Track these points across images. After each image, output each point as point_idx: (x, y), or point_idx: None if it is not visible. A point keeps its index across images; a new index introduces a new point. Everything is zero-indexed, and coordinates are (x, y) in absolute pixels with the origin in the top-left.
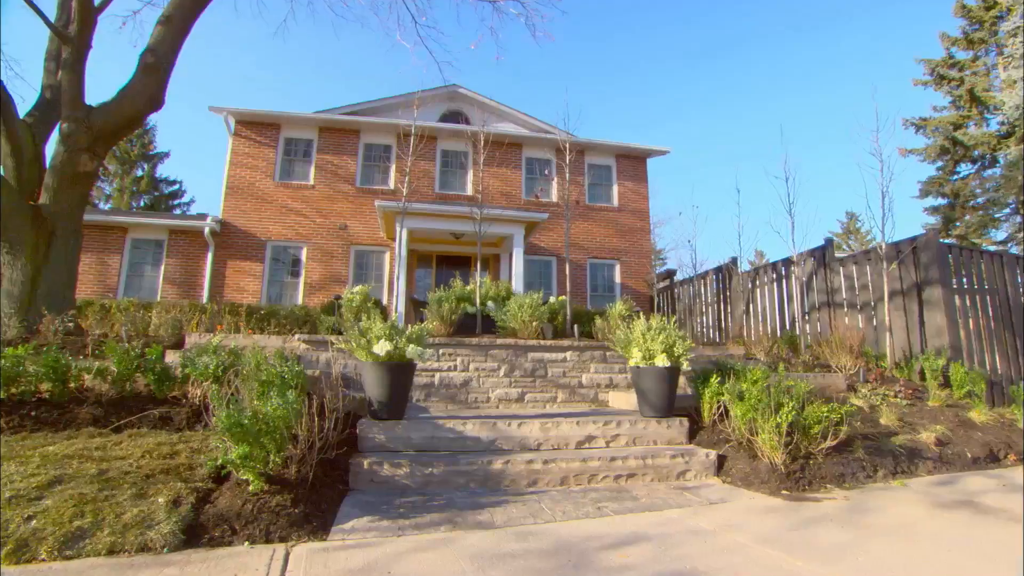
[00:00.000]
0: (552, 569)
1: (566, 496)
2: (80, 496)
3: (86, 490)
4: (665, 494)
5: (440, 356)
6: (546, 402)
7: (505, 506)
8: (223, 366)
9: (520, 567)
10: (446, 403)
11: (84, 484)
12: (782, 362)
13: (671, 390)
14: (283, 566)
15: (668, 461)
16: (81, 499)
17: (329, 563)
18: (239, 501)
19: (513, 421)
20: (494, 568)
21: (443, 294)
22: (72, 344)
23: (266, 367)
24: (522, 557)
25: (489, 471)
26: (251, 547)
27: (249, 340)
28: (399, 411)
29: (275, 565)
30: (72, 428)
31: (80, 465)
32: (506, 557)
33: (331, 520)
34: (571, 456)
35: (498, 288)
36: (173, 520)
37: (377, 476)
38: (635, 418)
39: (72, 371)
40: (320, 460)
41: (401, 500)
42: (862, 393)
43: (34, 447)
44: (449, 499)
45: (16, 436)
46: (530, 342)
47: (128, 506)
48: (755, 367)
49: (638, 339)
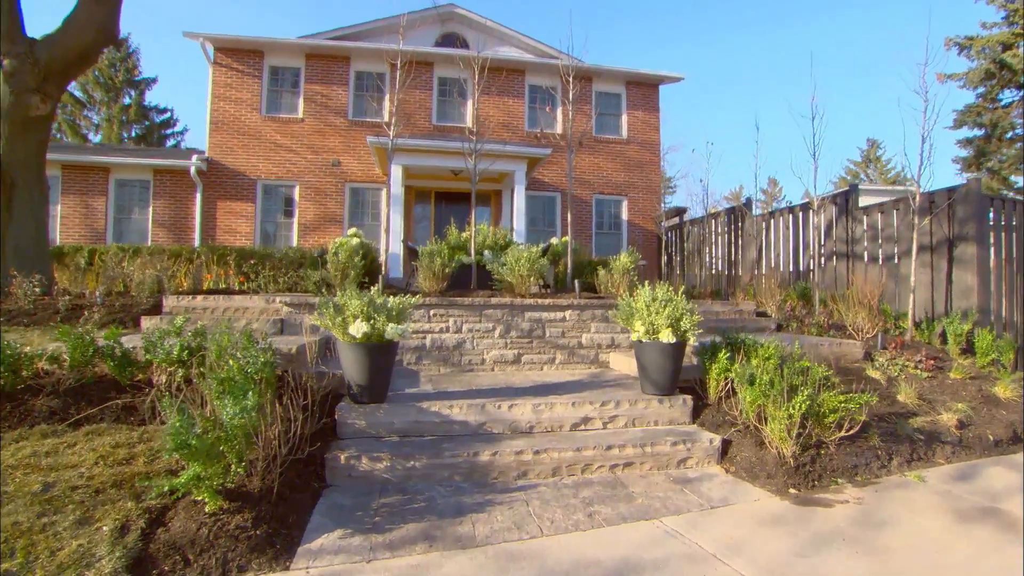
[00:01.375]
0: None
1: (557, 494)
2: (14, 527)
3: (23, 517)
4: (664, 490)
5: (431, 317)
6: (544, 364)
7: (490, 510)
8: (188, 349)
9: None
10: (439, 366)
11: (23, 508)
12: (795, 321)
13: (676, 367)
14: None
15: (669, 448)
16: (15, 531)
17: None
18: (194, 524)
19: (504, 403)
20: None
21: (435, 247)
22: (44, 309)
23: (229, 357)
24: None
25: (475, 463)
26: None
27: (231, 302)
28: (380, 394)
29: None
30: (26, 425)
31: (24, 478)
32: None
33: (299, 538)
34: (564, 443)
35: (495, 236)
36: (116, 555)
37: (355, 471)
38: (635, 394)
39: (23, 360)
40: (293, 460)
41: (379, 502)
42: (879, 363)
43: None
44: (430, 499)
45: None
46: (527, 301)
47: (67, 537)
48: (767, 343)
49: (641, 311)
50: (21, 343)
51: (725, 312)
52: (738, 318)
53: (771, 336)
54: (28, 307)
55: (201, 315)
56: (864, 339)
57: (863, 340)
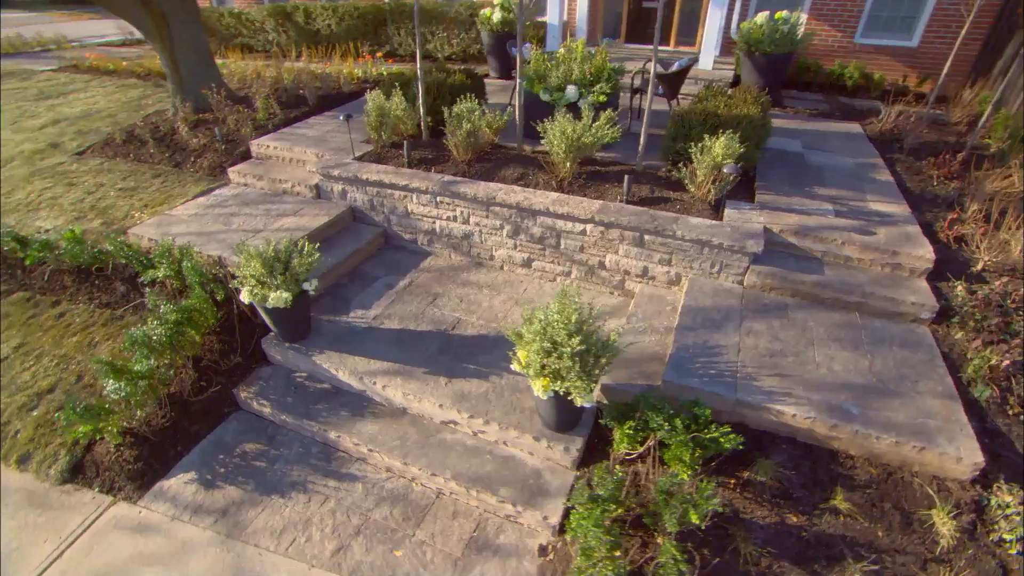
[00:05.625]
0: None
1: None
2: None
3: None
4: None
5: (438, 204)
6: (557, 275)
7: (297, 498)
8: (174, 269)
9: None
10: (451, 252)
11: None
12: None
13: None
14: (81, 534)
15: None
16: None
17: (92, 555)
18: (103, 452)
19: (391, 387)
20: None
21: (466, 106)
22: (242, 117)
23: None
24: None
25: (327, 438)
26: (98, 495)
27: (291, 152)
28: (300, 335)
29: (78, 532)
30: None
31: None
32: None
33: (163, 473)
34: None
35: (588, 61)
36: (63, 459)
37: (250, 407)
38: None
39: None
40: (213, 392)
41: (242, 449)
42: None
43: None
44: (274, 460)
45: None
46: (534, 205)
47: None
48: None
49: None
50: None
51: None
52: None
53: None
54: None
55: (276, 162)
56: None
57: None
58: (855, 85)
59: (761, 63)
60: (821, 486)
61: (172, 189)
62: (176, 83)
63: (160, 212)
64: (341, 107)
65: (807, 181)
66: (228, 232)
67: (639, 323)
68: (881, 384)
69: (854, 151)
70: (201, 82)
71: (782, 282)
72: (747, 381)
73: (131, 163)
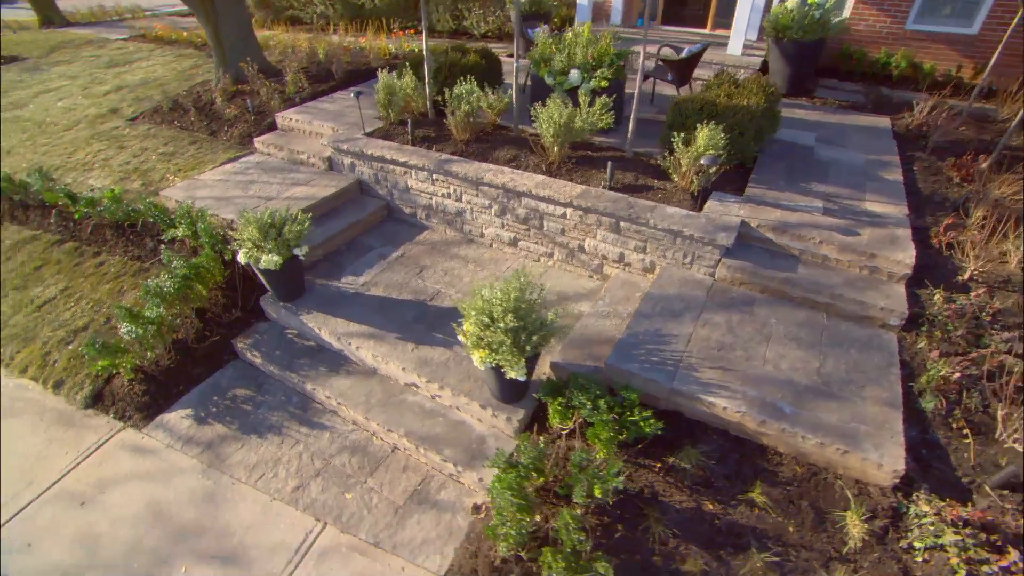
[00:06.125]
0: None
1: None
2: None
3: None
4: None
5: (434, 181)
6: (540, 256)
7: (281, 435)
8: (191, 228)
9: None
10: (446, 227)
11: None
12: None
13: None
14: (95, 451)
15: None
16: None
17: (103, 468)
18: (119, 385)
19: (363, 349)
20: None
21: (465, 88)
22: (271, 90)
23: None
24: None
25: (305, 389)
26: (111, 421)
27: (311, 126)
28: (294, 295)
29: (93, 448)
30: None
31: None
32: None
33: (165, 407)
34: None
35: (591, 46)
36: (87, 388)
37: (246, 357)
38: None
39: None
40: (213, 340)
41: (232, 393)
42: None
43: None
44: (265, 405)
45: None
46: (519, 187)
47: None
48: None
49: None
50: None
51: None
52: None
53: None
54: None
55: (297, 134)
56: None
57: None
58: (901, 75)
59: (789, 50)
60: (743, 479)
61: (204, 155)
62: (219, 56)
63: (190, 176)
64: (366, 82)
65: (807, 176)
66: (245, 198)
67: (605, 307)
68: (825, 386)
69: (872, 147)
70: (241, 55)
71: (752, 277)
72: (687, 371)
73: (174, 130)
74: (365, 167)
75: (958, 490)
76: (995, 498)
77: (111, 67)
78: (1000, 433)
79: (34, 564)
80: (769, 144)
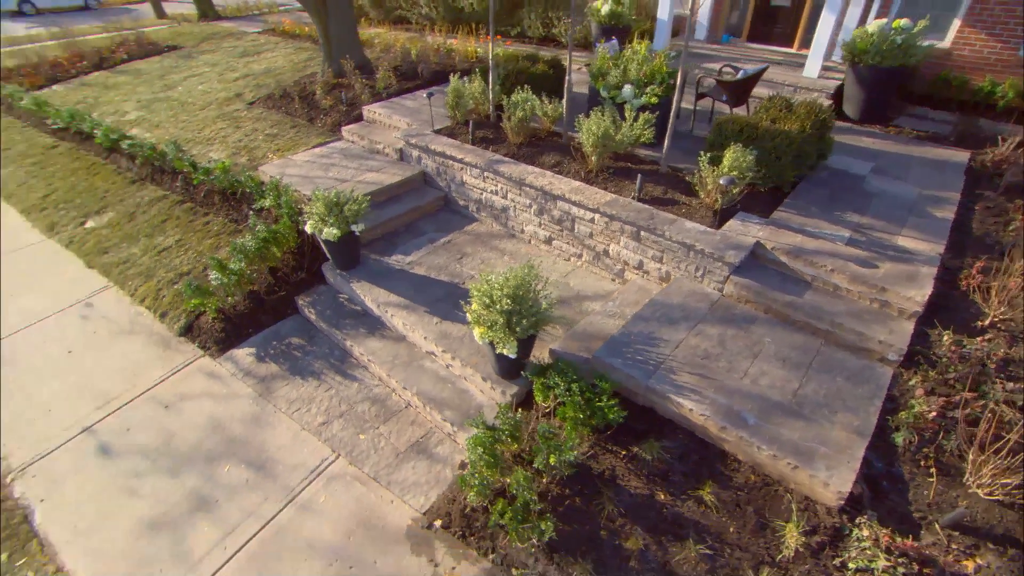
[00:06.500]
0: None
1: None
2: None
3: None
4: None
5: (485, 178)
6: (571, 256)
7: (320, 379)
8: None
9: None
10: (492, 221)
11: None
12: None
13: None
14: (180, 370)
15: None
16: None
17: (183, 384)
18: (207, 320)
19: (396, 317)
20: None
21: (521, 96)
22: (363, 85)
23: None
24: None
25: (345, 346)
26: (195, 349)
27: (390, 120)
28: (349, 265)
29: (179, 367)
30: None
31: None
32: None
33: (237, 344)
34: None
35: (645, 62)
36: (182, 320)
37: (304, 312)
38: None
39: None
40: (279, 295)
41: (287, 341)
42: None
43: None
44: (312, 354)
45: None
46: (555, 191)
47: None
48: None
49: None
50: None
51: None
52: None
53: None
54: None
55: (378, 126)
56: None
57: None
58: (1007, 106)
59: (865, 75)
60: (698, 477)
61: (300, 139)
62: (325, 52)
63: (285, 156)
64: (446, 84)
65: (845, 206)
66: (324, 178)
67: (613, 308)
68: (796, 406)
69: (932, 181)
70: (344, 52)
71: (757, 296)
72: (666, 373)
73: (280, 115)
74: (429, 160)
75: (908, 523)
76: (942, 536)
77: (243, 56)
78: (967, 477)
79: (130, 442)
80: (818, 170)
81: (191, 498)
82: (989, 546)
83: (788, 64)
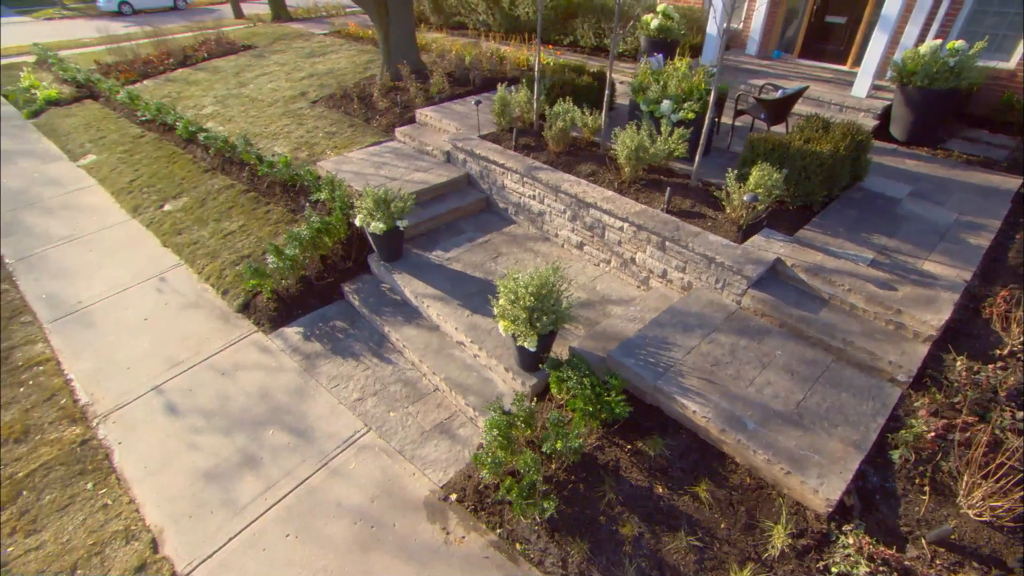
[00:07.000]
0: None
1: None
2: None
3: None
4: None
5: (524, 183)
6: (600, 261)
7: (358, 360)
8: (331, 192)
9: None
10: (528, 224)
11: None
12: None
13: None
14: (236, 342)
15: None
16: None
17: (238, 355)
18: (261, 301)
19: (431, 308)
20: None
21: (562, 108)
22: (417, 89)
23: (310, 221)
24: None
25: (383, 331)
26: (250, 325)
27: (441, 124)
28: (391, 257)
29: (236, 340)
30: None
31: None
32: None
33: (288, 322)
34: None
35: (685, 79)
36: (240, 298)
37: (348, 298)
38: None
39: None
40: (327, 281)
41: (331, 324)
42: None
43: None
44: (348, 335)
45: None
46: (588, 199)
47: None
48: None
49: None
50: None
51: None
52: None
53: None
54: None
55: (428, 129)
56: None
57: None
58: None
59: (914, 97)
60: (695, 475)
61: (356, 138)
62: (384, 56)
63: (341, 153)
64: (496, 91)
65: (874, 228)
66: (375, 176)
67: (634, 312)
68: (797, 416)
69: (973, 208)
70: (403, 57)
71: (773, 310)
72: (674, 375)
73: (339, 114)
74: (474, 164)
75: (895, 536)
76: (927, 551)
77: (309, 57)
78: (960, 498)
79: (191, 402)
80: (852, 190)
81: (240, 454)
82: (974, 565)
83: (837, 82)
